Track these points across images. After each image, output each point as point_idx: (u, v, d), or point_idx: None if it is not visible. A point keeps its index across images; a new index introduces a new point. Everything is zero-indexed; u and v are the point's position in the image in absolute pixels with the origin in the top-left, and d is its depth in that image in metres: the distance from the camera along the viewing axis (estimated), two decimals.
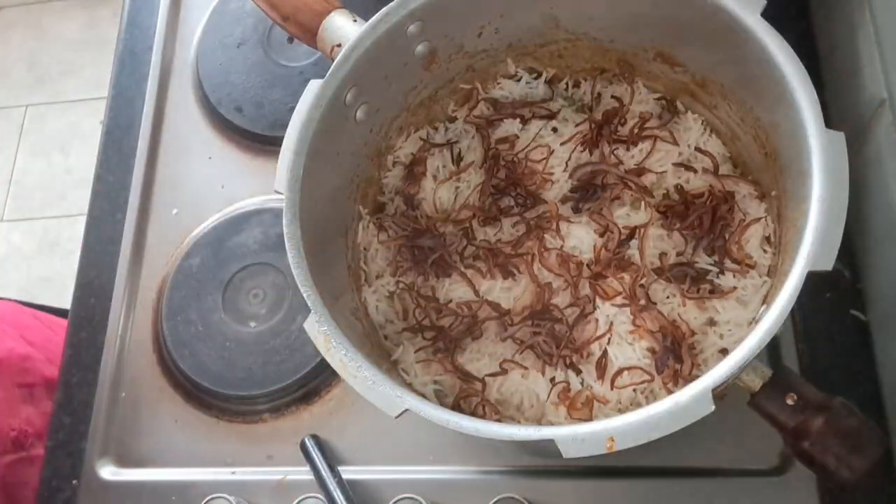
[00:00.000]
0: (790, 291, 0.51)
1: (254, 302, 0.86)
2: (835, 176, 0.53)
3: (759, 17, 0.59)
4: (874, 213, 0.73)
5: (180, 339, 0.85)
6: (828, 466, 0.51)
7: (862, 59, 0.74)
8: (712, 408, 0.49)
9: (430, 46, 0.72)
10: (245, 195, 0.92)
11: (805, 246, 0.52)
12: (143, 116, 0.99)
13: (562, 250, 0.70)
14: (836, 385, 0.73)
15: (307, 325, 0.58)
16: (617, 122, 0.74)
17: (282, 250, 0.60)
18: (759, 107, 0.64)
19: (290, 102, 0.93)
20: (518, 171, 0.74)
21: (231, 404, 0.82)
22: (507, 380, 0.67)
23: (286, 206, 0.61)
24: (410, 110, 0.77)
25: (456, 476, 0.75)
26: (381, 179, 0.78)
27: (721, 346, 0.64)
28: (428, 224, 0.74)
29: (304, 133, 0.64)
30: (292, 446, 0.78)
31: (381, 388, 0.54)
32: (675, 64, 0.71)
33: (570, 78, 0.79)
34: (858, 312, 0.75)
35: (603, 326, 0.66)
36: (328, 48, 0.68)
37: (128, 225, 0.93)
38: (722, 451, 0.71)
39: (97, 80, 2.42)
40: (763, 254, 0.67)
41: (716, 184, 0.70)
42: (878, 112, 0.71)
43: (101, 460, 0.83)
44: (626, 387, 0.64)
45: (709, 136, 0.73)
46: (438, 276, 0.72)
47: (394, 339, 0.71)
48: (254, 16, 1.00)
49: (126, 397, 0.85)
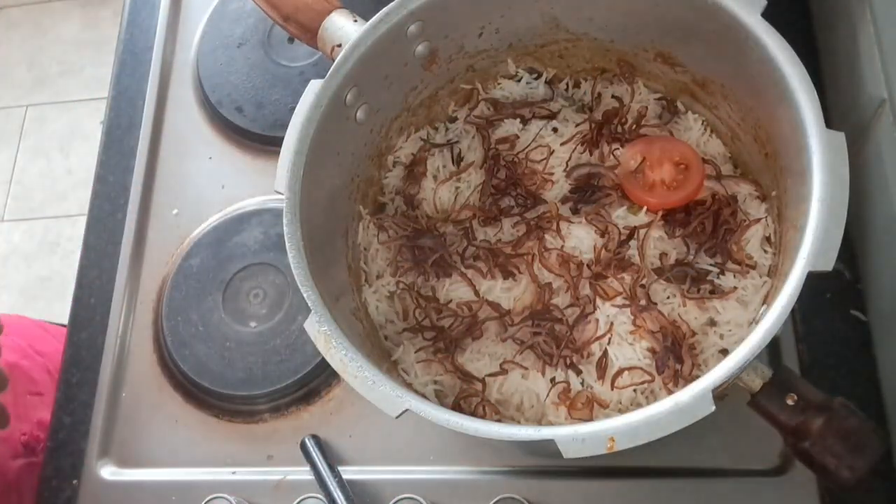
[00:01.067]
0: (790, 292, 0.51)
1: (254, 302, 0.86)
2: (835, 176, 0.53)
3: (759, 18, 0.59)
4: (874, 213, 0.73)
5: (181, 339, 0.85)
6: (828, 466, 0.51)
7: (862, 59, 0.74)
8: (713, 408, 0.49)
9: (431, 46, 0.72)
10: (245, 195, 0.92)
11: (805, 246, 0.52)
12: (143, 116, 0.99)
13: (562, 250, 0.70)
14: (836, 385, 0.73)
15: (307, 325, 0.58)
16: (617, 122, 0.74)
17: (282, 250, 0.60)
18: (759, 107, 0.64)
19: (291, 102, 0.93)
20: (518, 172, 0.74)
21: (231, 404, 0.82)
22: (507, 380, 0.67)
23: (286, 206, 0.61)
24: (411, 110, 0.77)
25: (456, 476, 0.75)
26: (382, 180, 0.78)
27: (721, 347, 0.64)
28: (428, 224, 0.74)
29: (304, 133, 0.64)
30: (292, 446, 0.78)
31: (382, 388, 0.54)
32: (676, 64, 0.71)
33: (570, 78, 0.79)
34: (859, 312, 0.75)
35: (603, 327, 0.66)
36: (328, 48, 0.68)
37: (128, 225, 0.93)
38: (722, 451, 0.71)
39: (97, 80, 2.43)
40: (763, 254, 0.67)
41: (719, 189, 0.70)
42: (878, 112, 0.71)
43: (102, 460, 0.83)
44: (626, 387, 0.64)
45: (709, 136, 0.74)
46: (439, 277, 0.72)
47: (394, 339, 0.71)
48: (254, 16, 1.00)
49: (126, 397, 0.85)
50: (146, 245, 0.93)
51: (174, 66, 1.02)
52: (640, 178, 0.71)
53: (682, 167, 0.70)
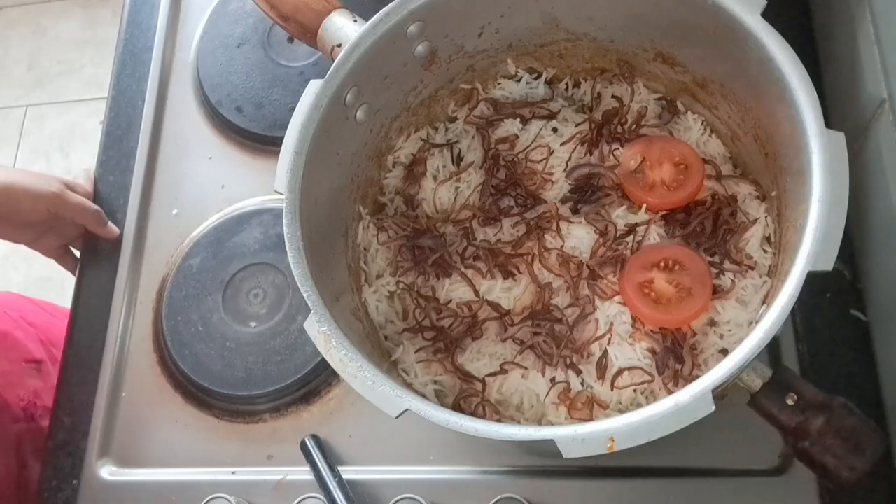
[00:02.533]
0: (790, 291, 0.51)
1: (254, 302, 0.86)
2: (835, 176, 0.53)
3: (759, 18, 0.59)
4: (874, 213, 0.73)
5: (181, 339, 0.85)
6: (828, 466, 0.51)
7: (862, 59, 0.74)
8: (713, 408, 0.49)
9: (431, 46, 0.72)
10: (245, 195, 0.92)
11: (805, 246, 0.52)
12: (143, 116, 0.99)
13: (562, 250, 0.70)
14: (836, 385, 0.73)
15: (307, 325, 0.58)
16: (617, 122, 0.74)
17: (282, 250, 0.60)
18: (759, 107, 0.64)
19: (291, 102, 0.93)
20: (518, 172, 0.74)
21: (231, 404, 0.82)
22: (507, 380, 0.67)
23: (286, 206, 0.61)
24: (411, 110, 0.77)
25: (456, 476, 0.75)
26: (382, 180, 0.78)
27: (721, 347, 0.64)
28: (428, 224, 0.74)
29: (304, 133, 0.64)
30: (292, 446, 0.78)
31: (382, 388, 0.54)
32: (676, 64, 0.71)
33: (570, 78, 0.79)
34: (859, 312, 0.75)
35: (603, 327, 0.66)
36: (328, 48, 0.68)
37: (128, 225, 0.93)
38: (722, 451, 0.71)
39: (97, 80, 2.42)
40: (763, 254, 0.67)
41: (719, 189, 0.70)
42: (878, 112, 0.71)
43: (102, 460, 0.83)
44: (626, 387, 0.64)
45: (709, 136, 0.74)
46: (439, 277, 0.72)
47: (394, 339, 0.71)
48: (254, 16, 1.00)
49: (126, 397, 0.85)
50: (146, 245, 0.93)
51: (174, 66, 1.02)
52: (640, 178, 0.71)
53: (682, 167, 0.70)
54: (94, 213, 0.91)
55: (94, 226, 0.91)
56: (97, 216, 0.91)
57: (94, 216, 0.91)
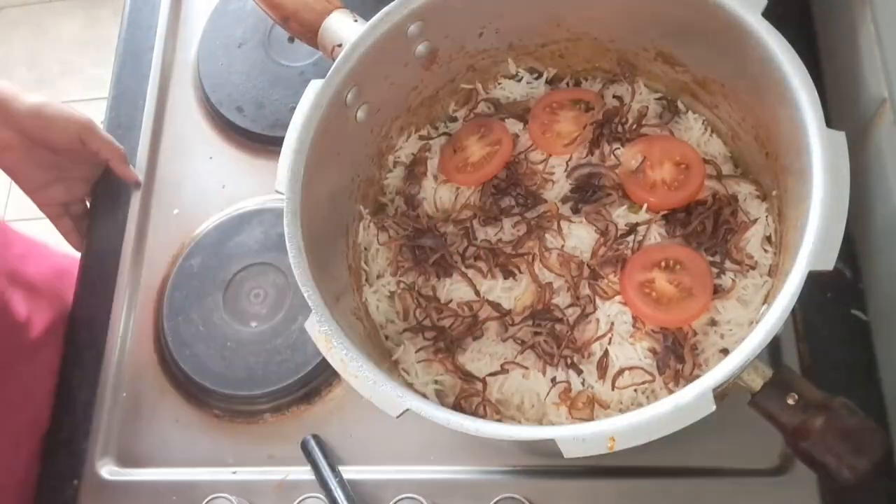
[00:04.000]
0: (791, 291, 0.51)
1: (255, 302, 0.86)
2: (835, 175, 0.53)
3: (759, 17, 0.59)
4: (875, 212, 0.73)
5: (181, 338, 0.85)
6: (829, 466, 0.51)
7: (863, 59, 0.74)
8: (713, 408, 0.49)
9: (431, 46, 0.72)
10: (246, 195, 0.92)
11: (806, 245, 0.52)
12: (143, 116, 0.99)
13: (563, 250, 0.70)
14: (836, 385, 0.73)
15: (308, 324, 0.58)
16: (618, 122, 0.74)
17: (282, 250, 0.60)
18: (759, 106, 0.64)
19: (291, 102, 0.93)
20: (519, 171, 0.74)
21: (232, 404, 0.82)
22: (507, 380, 0.67)
23: (287, 206, 0.61)
24: (411, 110, 0.77)
25: (456, 476, 0.75)
26: (382, 180, 0.78)
27: (722, 346, 0.64)
28: (429, 224, 0.74)
29: (304, 133, 0.64)
30: (293, 446, 0.78)
31: (382, 387, 0.54)
32: (676, 63, 0.71)
33: (570, 77, 0.79)
34: (859, 312, 0.75)
35: (604, 326, 0.66)
36: (329, 48, 0.68)
37: (128, 225, 0.93)
38: (722, 451, 0.71)
39: (97, 80, 2.41)
40: (764, 253, 0.67)
41: (720, 189, 0.70)
42: (878, 111, 0.71)
43: (102, 460, 0.83)
44: (626, 387, 0.64)
45: (709, 135, 0.73)
46: (439, 276, 0.72)
47: (394, 338, 0.71)
48: (254, 16, 1.00)
49: (127, 397, 0.85)
50: (146, 245, 0.93)
51: (174, 66, 1.02)
52: (641, 177, 0.71)
53: (683, 167, 0.70)
54: (120, 151, 0.94)
55: (117, 163, 0.94)
56: (122, 155, 0.94)
57: (120, 154, 0.94)
